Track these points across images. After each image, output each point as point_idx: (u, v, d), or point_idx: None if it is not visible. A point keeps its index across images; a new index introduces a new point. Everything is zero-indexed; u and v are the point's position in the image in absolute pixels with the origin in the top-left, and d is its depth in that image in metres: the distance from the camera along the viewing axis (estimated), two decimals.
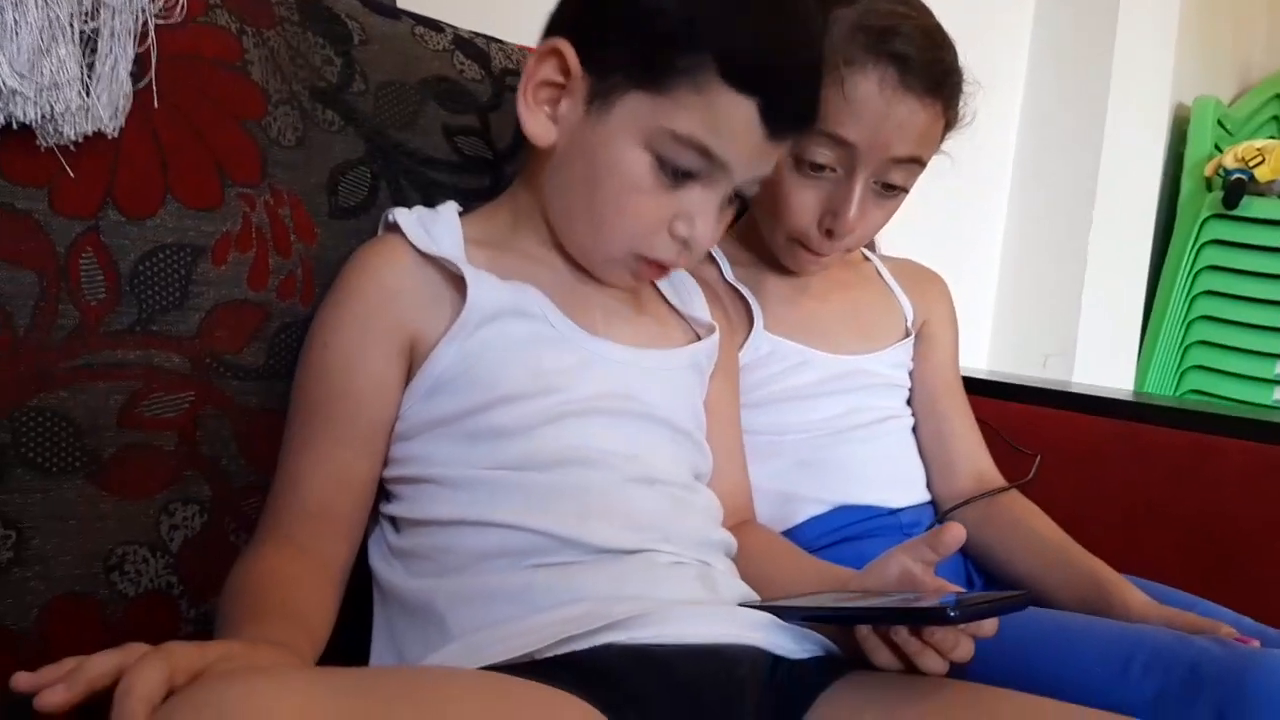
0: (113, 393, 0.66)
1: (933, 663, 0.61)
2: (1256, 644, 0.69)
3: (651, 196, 0.70)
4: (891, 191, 0.87)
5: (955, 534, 0.63)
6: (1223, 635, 0.71)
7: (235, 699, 0.38)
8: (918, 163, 0.86)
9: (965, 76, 0.88)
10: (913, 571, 0.66)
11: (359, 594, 0.70)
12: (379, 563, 0.71)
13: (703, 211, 0.71)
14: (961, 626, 0.60)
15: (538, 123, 0.72)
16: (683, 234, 0.71)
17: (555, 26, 0.73)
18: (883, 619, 0.61)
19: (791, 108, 0.70)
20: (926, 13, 0.87)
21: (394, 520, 0.71)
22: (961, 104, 0.89)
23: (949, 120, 0.88)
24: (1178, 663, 0.64)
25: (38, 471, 0.63)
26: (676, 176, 0.69)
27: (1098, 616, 0.78)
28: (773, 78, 0.68)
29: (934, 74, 0.83)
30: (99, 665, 0.42)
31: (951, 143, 0.93)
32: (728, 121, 0.68)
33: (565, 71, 0.70)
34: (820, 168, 0.84)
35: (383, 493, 0.72)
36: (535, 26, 0.76)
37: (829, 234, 0.86)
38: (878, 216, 0.88)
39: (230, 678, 0.40)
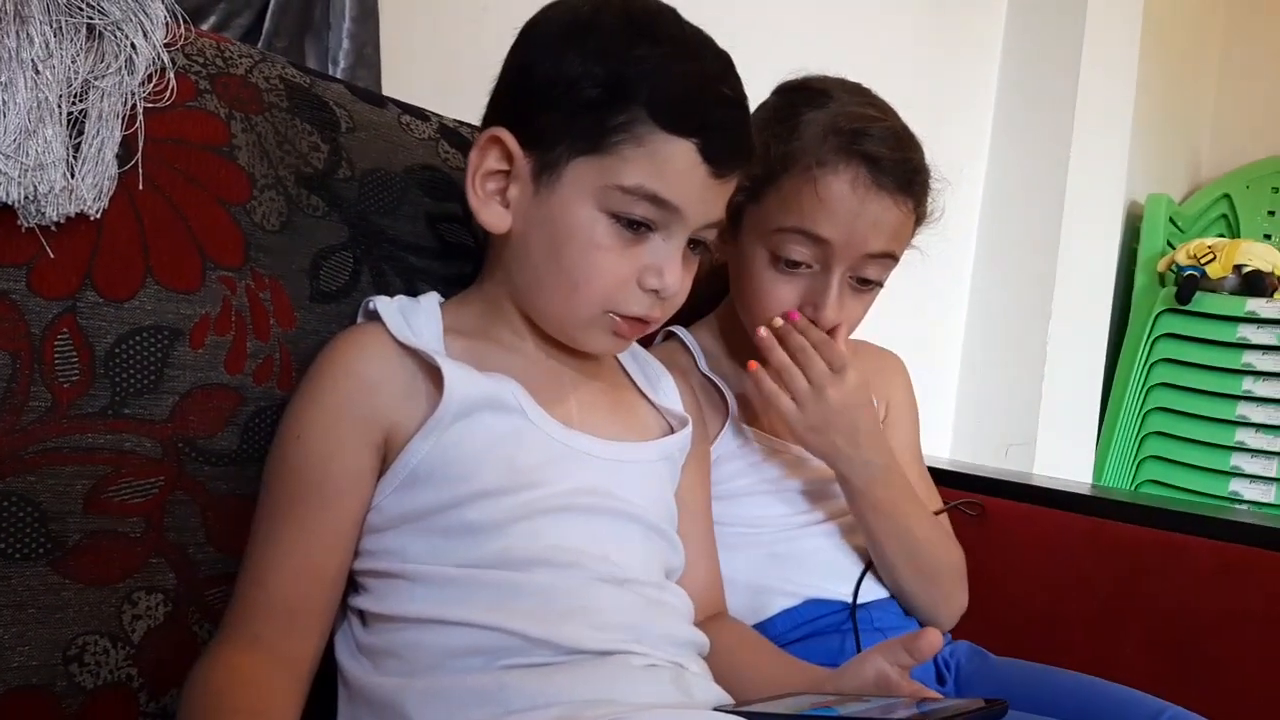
0: (80, 477, 0.65)
1: None
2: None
3: (615, 253, 0.71)
4: (866, 286, 0.89)
5: (932, 640, 0.63)
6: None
7: None
8: (891, 258, 0.88)
9: (933, 174, 0.91)
10: (889, 675, 0.66)
11: (322, 685, 0.68)
12: (346, 658, 0.69)
13: (668, 260, 0.72)
14: None
15: (491, 212, 0.73)
16: (653, 285, 0.72)
17: (491, 117, 0.75)
18: None
19: (728, 141, 0.72)
20: (894, 115, 0.90)
21: (362, 614, 0.70)
22: (930, 200, 0.91)
23: (919, 216, 0.90)
24: None
25: (0, 558, 0.61)
26: (635, 229, 0.70)
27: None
28: (705, 115, 0.70)
29: (904, 173, 0.86)
30: None
31: (918, 236, 0.95)
32: (671, 166, 0.69)
33: (508, 158, 0.72)
34: (796, 264, 0.86)
35: (351, 585, 0.71)
36: None
37: (809, 322, 0.87)
38: (856, 310, 0.89)
39: None
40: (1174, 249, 2.42)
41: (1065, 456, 2.15)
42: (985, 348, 2.19)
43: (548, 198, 0.71)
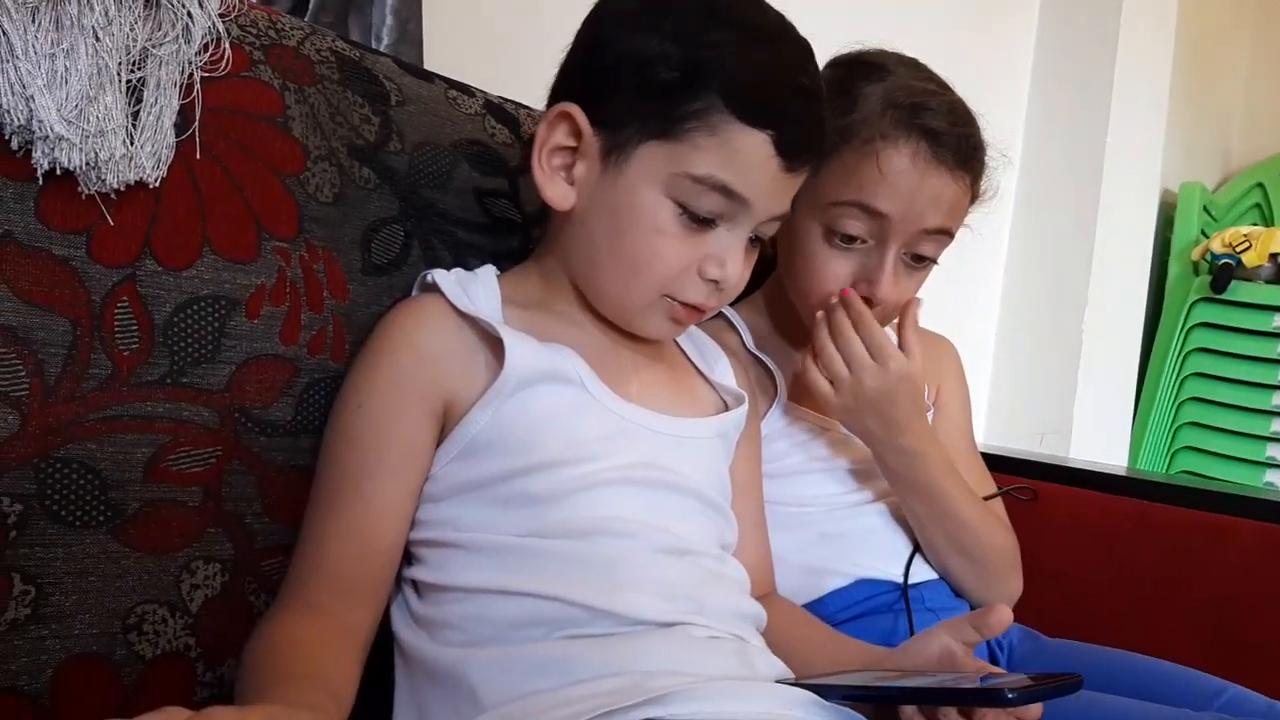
0: (140, 445, 0.64)
1: None
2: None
3: (678, 240, 0.70)
4: (921, 263, 0.88)
5: (1001, 616, 0.62)
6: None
7: None
8: (947, 234, 0.87)
9: (989, 151, 0.89)
10: (954, 651, 0.65)
11: (377, 658, 0.68)
12: (402, 629, 0.68)
13: (730, 252, 0.71)
14: (1012, 709, 0.58)
15: (555, 188, 0.72)
16: (714, 275, 0.71)
17: (560, 91, 0.74)
18: (934, 699, 0.60)
19: (803, 135, 0.70)
20: (952, 90, 0.89)
21: (416, 585, 0.69)
22: (986, 178, 0.90)
23: (975, 193, 0.89)
24: None
25: (61, 524, 0.61)
26: (700, 221, 0.69)
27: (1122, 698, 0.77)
28: (782, 107, 0.69)
29: (964, 148, 0.85)
30: None
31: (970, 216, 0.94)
32: (744, 157, 0.68)
33: (577, 134, 0.71)
34: (852, 239, 0.85)
35: (405, 556, 0.70)
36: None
37: (865, 300, 0.86)
38: (910, 288, 0.88)
39: None
40: (1208, 238, 2.39)
41: (1100, 445, 2.13)
42: (1019, 337, 2.17)
43: (615, 179, 0.70)
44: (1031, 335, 2.16)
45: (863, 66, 0.86)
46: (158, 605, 0.66)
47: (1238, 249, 2.28)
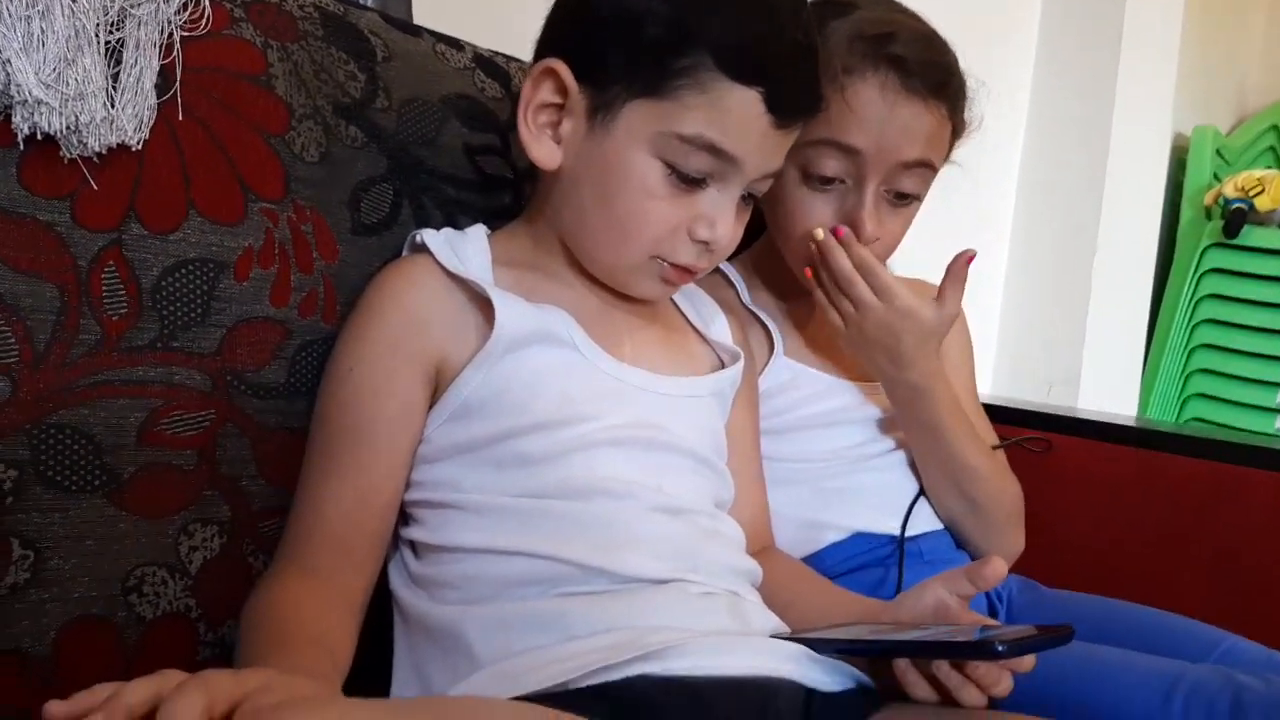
0: (133, 410, 0.65)
1: (973, 697, 0.60)
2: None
3: (667, 202, 0.69)
4: (904, 200, 0.86)
5: (996, 569, 0.62)
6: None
7: None
8: (928, 166, 0.86)
9: (968, 80, 0.87)
10: (948, 604, 0.65)
11: (375, 617, 0.68)
12: (400, 588, 0.69)
13: (721, 212, 0.70)
14: (1003, 661, 0.59)
15: (542, 147, 0.71)
16: (704, 236, 0.70)
17: (546, 47, 0.73)
18: (925, 652, 0.60)
19: (795, 92, 0.69)
20: (921, 20, 0.87)
21: (414, 545, 0.70)
22: (967, 109, 0.88)
23: (956, 125, 0.87)
24: (1221, 695, 0.63)
25: (57, 490, 0.62)
26: (689, 181, 0.69)
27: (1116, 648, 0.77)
28: (773, 64, 0.67)
29: (934, 75, 0.83)
30: (136, 693, 0.40)
31: (955, 173, 0.92)
32: (734, 115, 0.67)
33: (563, 91, 0.70)
34: (829, 180, 0.83)
35: (402, 516, 0.71)
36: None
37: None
38: (895, 226, 0.87)
39: (274, 711, 0.39)
40: (1221, 182, 2.35)
41: (1109, 394, 2.12)
42: (1028, 284, 2.15)
43: (602, 138, 0.69)
44: (1040, 283, 2.14)
45: (831, 6, 0.84)
46: (157, 567, 0.66)
47: (1251, 193, 2.24)
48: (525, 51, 0.96)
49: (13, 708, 0.60)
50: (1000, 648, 0.54)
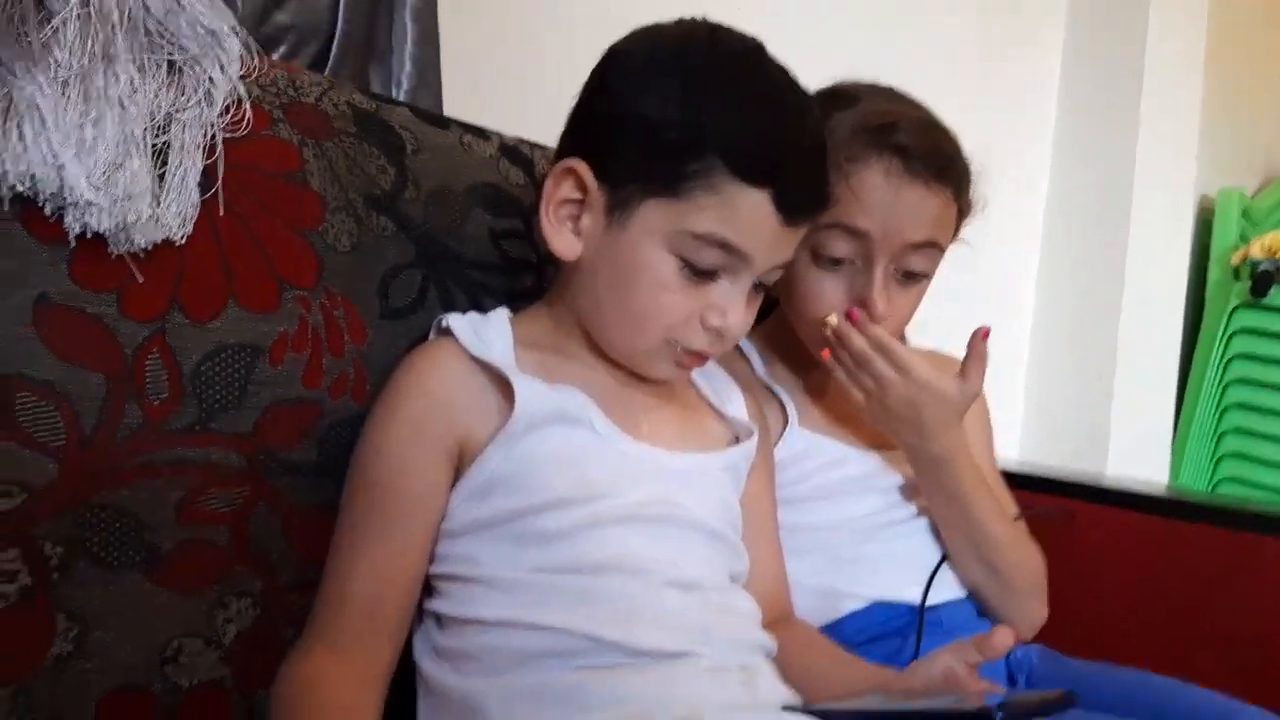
0: (172, 489, 0.68)
1: None
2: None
3: (681, 294, 0.72)
4: (913, 279, 0.89)
5: (1004, 638, 0.63)
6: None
7: None
8: (935, 247, 0.89)
9: (972, 162, 0.91)
10: (957, 672, 0.66)
11: (399, 689, 0.71)
12: (424, 660, 0.71)
13: (731, 302, 0.73)
14: None
15: (562, 239, 0.75)
16: (716, 324, 0.73)
17: (568, 146, 0.77)
18: (923, 719, 0.61)
19: (803, 192, 0.73)
20: (922, 108, 0.91)
21: (438, 617, 0.72)
22: (972, 191, 0.91)
23: (962, 207, 0.90)
24: None
25: (101, 566, 0.65)
26: (701, 274, 0.72)
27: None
28: (781, 167, 0.71)
29: (937, 161, 0.86)
30: None
31: (977, 236, 0.95)
32: (744, 215, 0.70)
33: (583, 188, 0.73)
34: (839, 261, 0.87)
35: (427, 589, 0.73)
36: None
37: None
38: (905, 304, 0.90)
39: None
40: (1247, 244, 2.35)
41: (1140, 457, 2.10)
42: (1054, 347, 2.15)
43: (618, 234, 0.72)
44: (1065, 347, 2.14)
45: (835, 99, 0.88)
46: (193, 638, 0.69)
47: (1278, 254, 2.24)
48: (548, 133, 1.01)
49: None
50: (999, 716, 0.55)
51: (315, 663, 0.66)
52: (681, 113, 0.70)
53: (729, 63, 0.73)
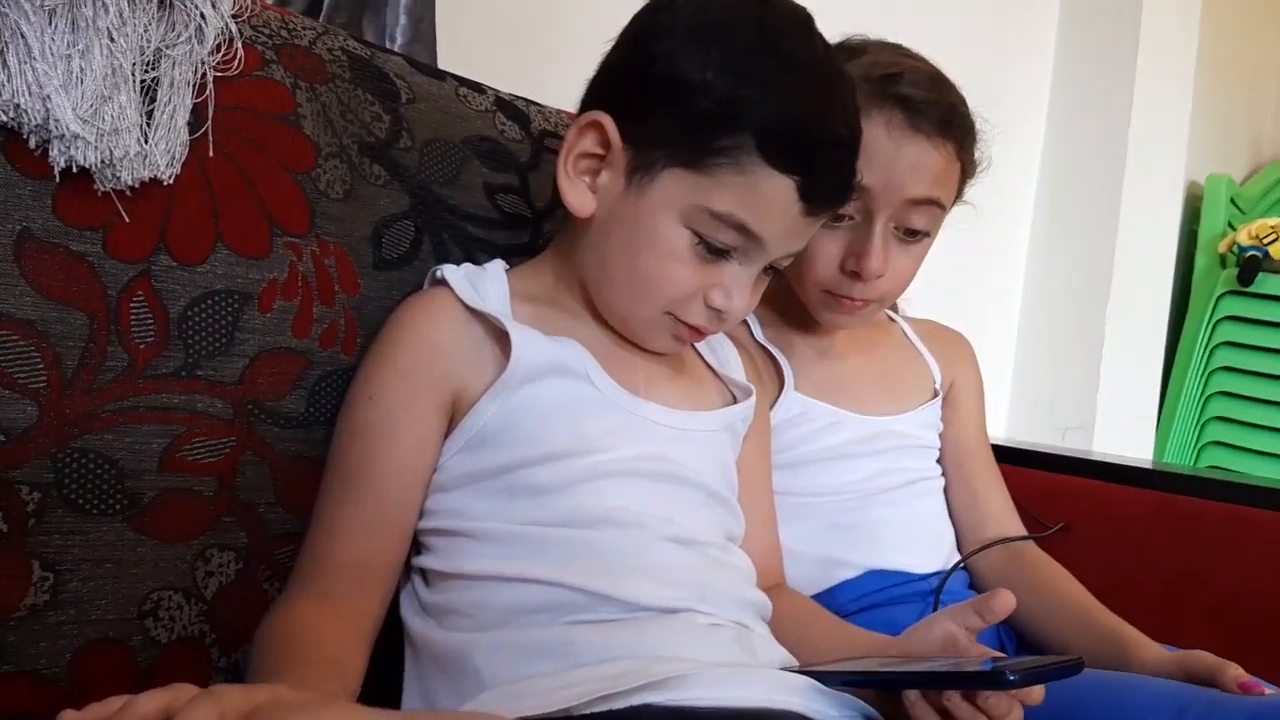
0: (156, 436, 0.66)
1: None
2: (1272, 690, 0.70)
3: (690, 267, 0.71)
4: (914, 237, 0.87)
5: (1005, 601, 0.62)
6: (1231, 676, 0.71)
7: None
8: (937, 204, 0.87)
9: (976, 121, 0.89)
10: (957, 637, 0.65)
11: (386, 645, 0.69)
12: (411, 616, 0.70)
13: (738, 285, 0.72)
14: (1014, 692, 0.59)
15: (578, 194, 0.72)
16: (719, 305, 0.72)
17: (595, 98, 0.74)
18: (937, 683, 0.60)
19: (829, 185, 0.71)
20: (929, 62, 0.89)
21: (424, 573, 0.71)
22: (977, 150, 0.90)
23: (965, 165, 0.89)
24: (1235, 714, 0.63)
25: (78, 513, 0.63)
26: (715, 252, 0.70)
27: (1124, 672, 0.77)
28: (812, 157, 0.68)
29: (940, 114, 0.84)
30: (148, 704, 0.41)
31: (968, 220, 0.93)
32: (767, 200, 0.68)
33: (605, 144, 0.71)
34: (839, 216, 0.85)
35: (414, 545, 0.72)
36: (566, 90, 0.76)
37: (854, 276, 0.86)
38: (904, 263, 0.88)
39: (288, 709, 0.39)
40: (1235, 230, 2.36)
41: (1124, 440, 2.11)
42: (1042, 330, 2.16)
43: (636, 197, 0.70)
44: (1053, 330, 2.14)
45: (841, 53, 0.86)
46: (173, 592, 0.67)
47: (1265, 241, 2.25)
48: (544, 95, 0.99)
49: None
50: (1012, 677, 0.54)
51: (300, 609, 0.64)
52: (721, 81, 0.67)
53: (778, 38, 0.69)
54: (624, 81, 0.73)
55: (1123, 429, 2.13)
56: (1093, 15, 2.20)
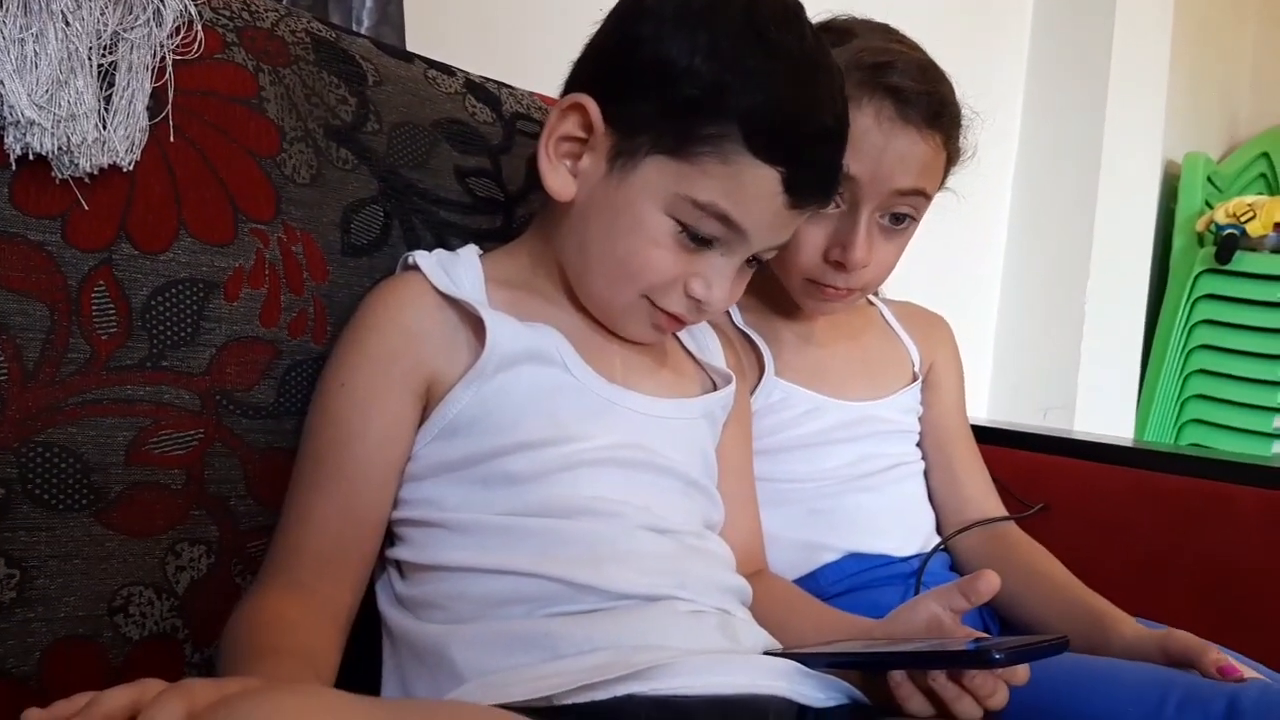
0: (121, 429, 0.65)
1: (969, 709, 0.59)
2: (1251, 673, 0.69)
3: (670, 254, 0.69)
4: (899, 224, 0.87)
5: (989, 582, 0.62)
6: (1212, 659, 0.71)
7: (264, 715, 0.36)
8: (922, 195, 0.86)
9: (963, 110, 0.88)
10: (942, 618, 0.64)
11: (363, 637, 0.68)
12: (388, 608, 0.69)
13: (719, 275, 0.70)
14: (999, 672, 0.58)
15: (558, 177, 0.71)
16: (698, 294, 0.70)
17: (578, 81, 0.72)
18: (922, 663, 0.59)
19: (816, 177, 0.70)
20: (920, 50, 0.88)
21: (400, 565, 0.69)
22: (962, 137, 0.89)
23: (951, 154, 0.88)
24: (1215, 700, 0.62)
25: (43, 508, 0.61)
26: (696, 241, 0.69)
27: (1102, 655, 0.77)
28: (799, 149, 0.67)
29: (931, 105, 0.83)
30: (114, 700, 0.40)
31: (947, 201, 0.93)
32: (751, 191, 0.67)
33: (588, 127, 0.70)
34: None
35: (388, 537, 0.70)
36: (539, 73, 0.75)
37: (838, 265, 0.85)
38: (888, 251, 0.87)
39: (257, 694, 0.38)
40: (1212, 208, 2.37)
41: (1105, 419, 2.12)
42: (1022, 310, 2.16)
43: (618, 183, 0.69)
44: (1033, 310, 2.14)
45: (828, 33, 0.84)
46: (144, 587, 0.66)
47: (1242, 219, 2.26)
48: (514, 78, 0.97)
49: None
50: (997, 656, 0.54)
51: (271, 600, 0.63)
52: (708, 68, 0.65)
53: (767, 25, 0.67)
54: (608, 64, 0.71)
55: (1103, 408, 2.14)
56: None
